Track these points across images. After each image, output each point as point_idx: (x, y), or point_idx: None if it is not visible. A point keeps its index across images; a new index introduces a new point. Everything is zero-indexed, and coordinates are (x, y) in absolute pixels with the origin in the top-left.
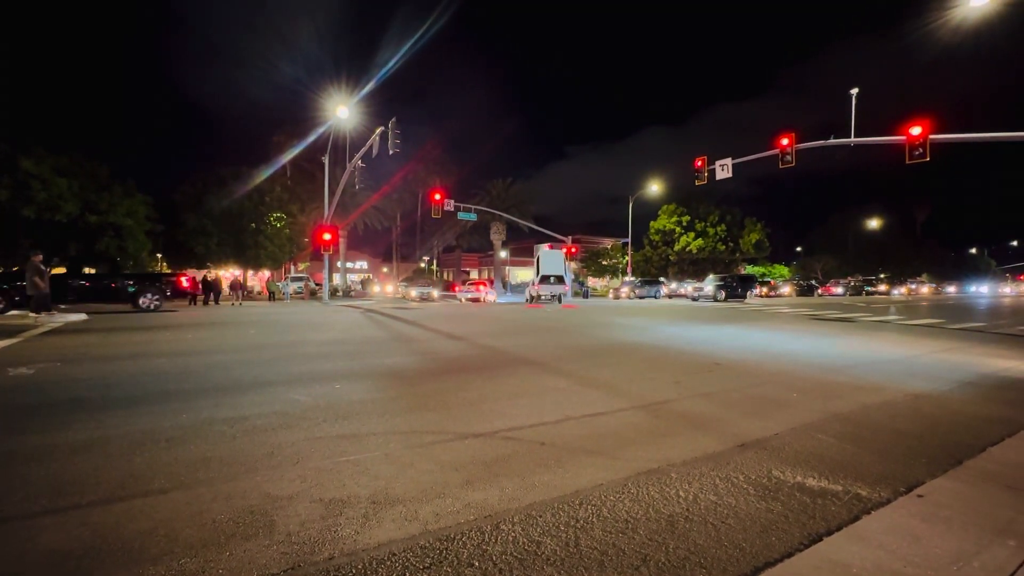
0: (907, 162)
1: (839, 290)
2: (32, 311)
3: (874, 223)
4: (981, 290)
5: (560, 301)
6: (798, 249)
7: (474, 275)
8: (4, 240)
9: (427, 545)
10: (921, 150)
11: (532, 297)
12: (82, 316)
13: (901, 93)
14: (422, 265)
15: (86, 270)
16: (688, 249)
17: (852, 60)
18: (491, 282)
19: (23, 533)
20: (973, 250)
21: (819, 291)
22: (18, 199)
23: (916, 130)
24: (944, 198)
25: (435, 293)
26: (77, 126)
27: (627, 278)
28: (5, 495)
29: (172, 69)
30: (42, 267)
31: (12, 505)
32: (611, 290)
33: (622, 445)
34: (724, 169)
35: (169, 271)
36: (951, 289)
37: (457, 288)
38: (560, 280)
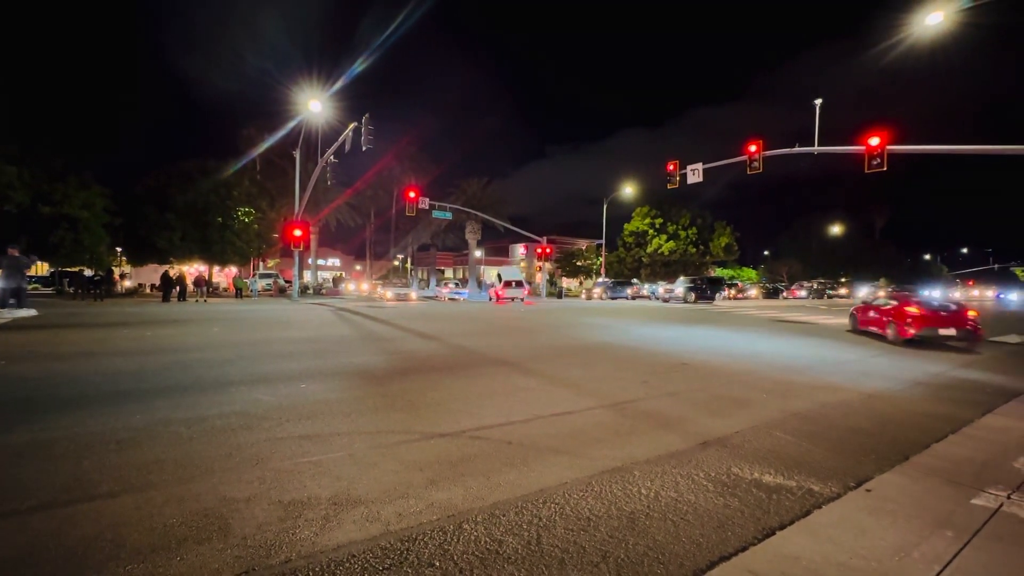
0: (866, 171)
1: (803, 293)
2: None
3: (836, 228)
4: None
5: (522, 300)
6: (766, 253)
7: (448, 274)
8: None
9: (388, 546)
10: (879, 160)
11: (498, 296)
12: (32, 312)
13: (869, 101)
14: (396, 263)
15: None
16: (660, 251)
17: (824, 67)
18: (466, 281)
19: None
20: (927, 256)
21: (784, 294)
22: None
23: (875, 140)
24: (902, 205)
25: (413, 294)
26: (31, 115)
27: (600, 279)
28: None
29: (137, 59)
30: (18, 259)
31: None
32: (584, 291)
33: (588, 444)
34: (695, 174)
35: None
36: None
37: (448, 288)
38: (520, 285)
